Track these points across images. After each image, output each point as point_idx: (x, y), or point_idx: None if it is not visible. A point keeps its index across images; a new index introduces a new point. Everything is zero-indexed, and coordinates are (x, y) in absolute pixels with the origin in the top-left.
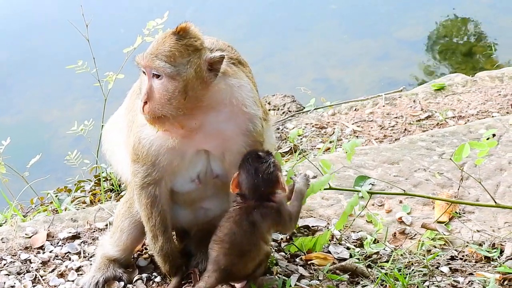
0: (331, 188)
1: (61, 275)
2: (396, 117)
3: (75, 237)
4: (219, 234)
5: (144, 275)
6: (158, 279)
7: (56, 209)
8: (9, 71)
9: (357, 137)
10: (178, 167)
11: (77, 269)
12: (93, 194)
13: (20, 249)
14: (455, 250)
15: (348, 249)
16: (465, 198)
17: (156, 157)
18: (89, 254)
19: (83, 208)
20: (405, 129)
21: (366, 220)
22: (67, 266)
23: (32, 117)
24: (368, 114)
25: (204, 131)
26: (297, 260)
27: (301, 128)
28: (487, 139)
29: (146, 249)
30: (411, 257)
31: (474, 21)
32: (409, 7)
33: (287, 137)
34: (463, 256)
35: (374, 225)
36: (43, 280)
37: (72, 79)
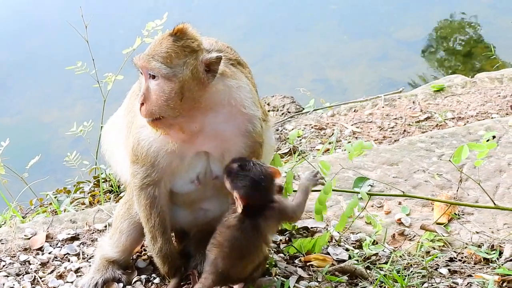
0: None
1: (60, 277)
2: (395, 118)
3: (74, 238)
4: (218, 238)
5: (143, 277)
6: (157, 280)
7: (55, 210)
8: (9, 72)
9: (356, 138)
10: (177, 168)
11: (76, 271)
12: (92, 195)
13: (19, 251)
14: (454, 251)
15: (347, 250)
16: (465, 199)
17: (155, 158)
18: (88, 255)
19: (82, 209)
20: (405, 130)
21: (365, 221)
22: (66, 267)
23: (31, 118)
24: (367, 115)
25: (203, 132)
26: (296, 261)
27: (300, 129)
28: (487, 141)
29: (145, 250)
30: (410, 259)
31: (473, 22)
32: (408, 7)
33: (287, 138)
34: (462, 257)
35: (373, 227)
36: (42, 281)
37: (71, 80)
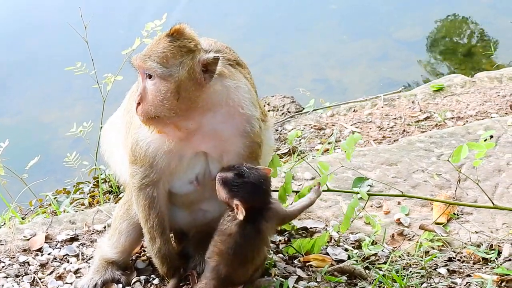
0: (329, 190)
1: (60, 278)
2: (394, 118)
3: (74, 239)
4: (220, 246)
5: (142, 277)
6: (156, 281)
7: (54, 211)
8: (8, 72)
9: (353, 133)
10: (176, 169)
11: (76, 272)
12: (91, 196)
13: (18, 252)
14: (453, 251)
15: (346, 250)
16: (464, 199)
17: (153, 158)
18: (87, 256)
19: (82, 210)
20: (404, 130)
21: (364, 221)
22: (65, 268)
23: (31, 118)
24: (366, 115)
25: (201, 132)
26: (295, 262)
27: (300, 129)
28: (485, 140)
29: (144, 251)
30: (409, 259)
31: (473, 21)
32: (408, 7)
33: (286, 139)
34: (461, 257)
35: (372, 227)
36: (42, 282)
37: (71, 81)
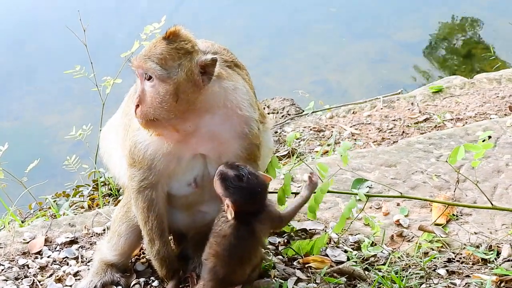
0: (328, 191)
1: (59, 280)
2: (394, 120)
3: (73, 242)
4: (215, 248)
5: (141, 280)
6: (155, 283)
7: (54, 214)
8: (8, 76)
9: (355, 140)
10: (174, 171)
11: (75, 274)
12: (91, 199)
13: (18, 255)
14: (452, 252)
15: (345, 252)
16: (463, 200)
17: (152, 161)
18: (87, 259)
19: (81, 213)
20: (403, 132)
21: (363, 223)
22: (65, 271)
23: (30, 122)
24: (366, 117)
25: (199, 134)
26: (294, 263)
27: (299, 131)
28: (483, 141)
29: (143, 253)
30: (408, 260)
31: (473, 23)
32: (407, 9)
33: (285, 141)
34: (460, 258)
35: (371, 228)
36: (41, 285)
37: (71, 84)
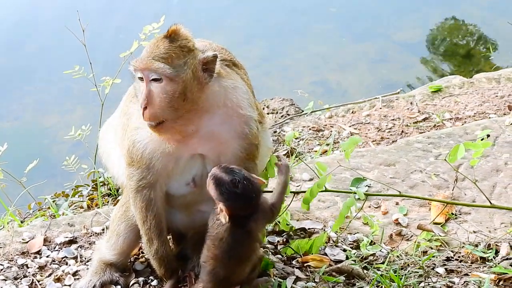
0: (327, 190)
1: (58, 280)
2: (393, 119)
3: (72, 241)
4: (214, 251)
5: (140, 279)
6: (154, 282)
7: (53, 214)
8: (7, 77)
9: (351, 134)
10: (173, 171)
11: (74, 274)
12: (90, 199)
13: (17, 254)
14: (451, 251)
15: (344, 251)
16: (462, 199)
17: (150, 160)
18: (86, 258)
19: (80, 213)
20: (402, 131)
21: (362, 222)
22: (64, 270)
23: (29, 122)
24: (365, 116)
25: (199, 135)
26: (293, 262)
27: (298, 131)
28: (481, 139)
29: (142, 253)
30: (407, 258)
31: (472, 23)
32: (407, 9)
33: (284, 140)
34: (458, 257)
35: (370, 227)
36: (40, 285)
37: (70, 84)
